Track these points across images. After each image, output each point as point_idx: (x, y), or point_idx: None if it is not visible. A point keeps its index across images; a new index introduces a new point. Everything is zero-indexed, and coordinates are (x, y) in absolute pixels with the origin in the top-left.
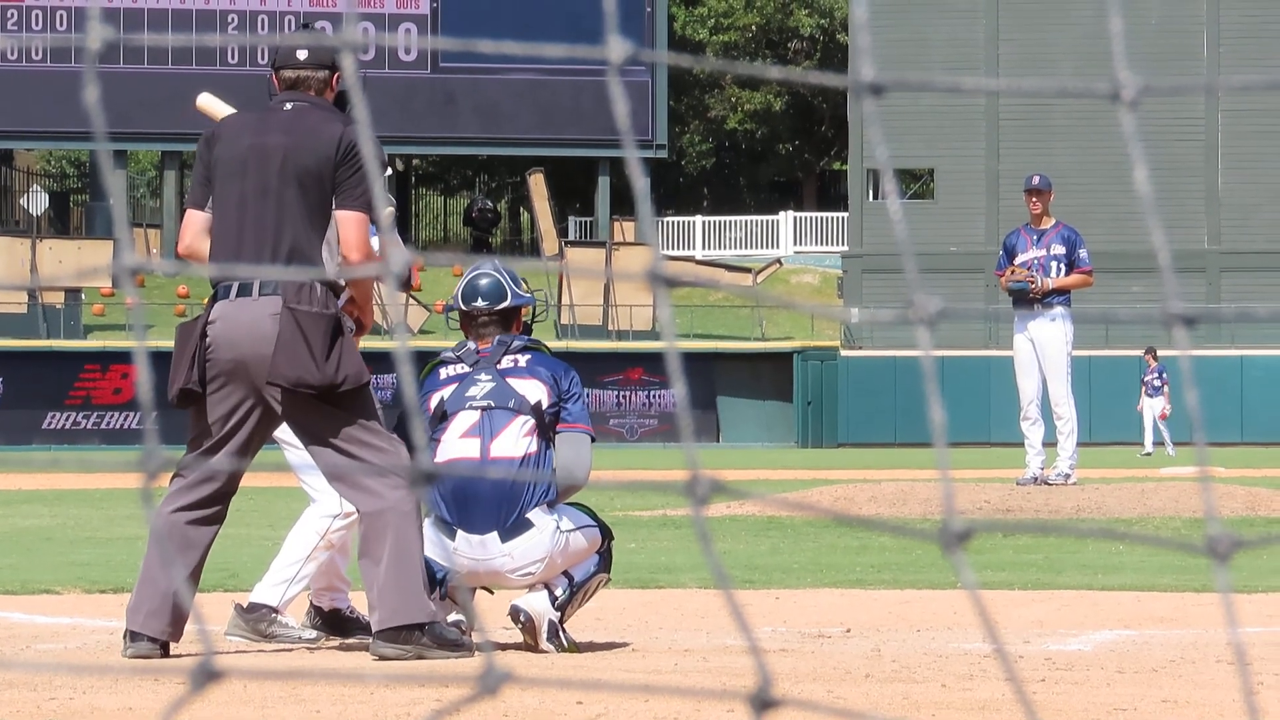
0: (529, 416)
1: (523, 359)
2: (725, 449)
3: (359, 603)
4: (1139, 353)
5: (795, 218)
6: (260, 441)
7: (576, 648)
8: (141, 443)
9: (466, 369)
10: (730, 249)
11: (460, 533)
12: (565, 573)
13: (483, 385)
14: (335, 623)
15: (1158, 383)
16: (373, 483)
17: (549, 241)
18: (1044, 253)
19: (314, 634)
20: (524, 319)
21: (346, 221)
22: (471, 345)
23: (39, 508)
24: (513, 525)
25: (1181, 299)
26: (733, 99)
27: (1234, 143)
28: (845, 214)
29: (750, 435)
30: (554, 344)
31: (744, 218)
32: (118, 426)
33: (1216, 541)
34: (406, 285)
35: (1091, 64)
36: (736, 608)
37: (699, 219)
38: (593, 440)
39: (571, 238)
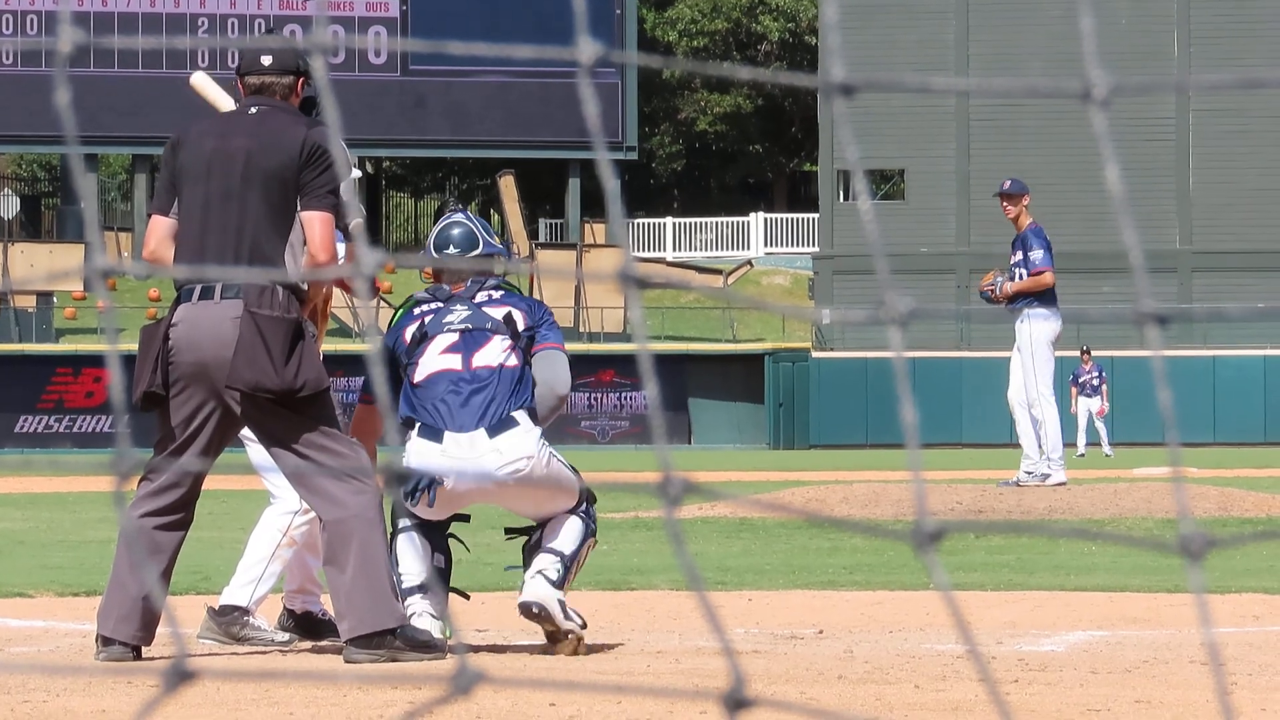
0: (506, 336)
1: (495, 294)
2: (697, 451)
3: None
4: (1114, 353)
5: (766, 219)
6: (223, 443)
7: (584, 623)
8: (114, 445)
9: (441, 304)
10: (701, 251)
11: (448, 434)
12: (555, 550)
13: (460, 313)
14: (308, 625)
15: (1095, 381)
16: (335, 489)
17: (519, 243)
18: (1019, 255)
19: (286, 636)
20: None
21: (311, 221)
22: (445, 287)
23: (11, 511)
24: (499, 422)
25: (1153, 299)
26: (702, 102)
27: (1205, 142)
28: (816, 215)
29: (722, 437)
30: None
31: (714, 219)
32: (90, 430)
33: (1189, 541)
34: (375, 290)
35: (1061, 64)
36: (709, 609)
37: (669, 221)
38: (568, 358)
39: (542, 240)
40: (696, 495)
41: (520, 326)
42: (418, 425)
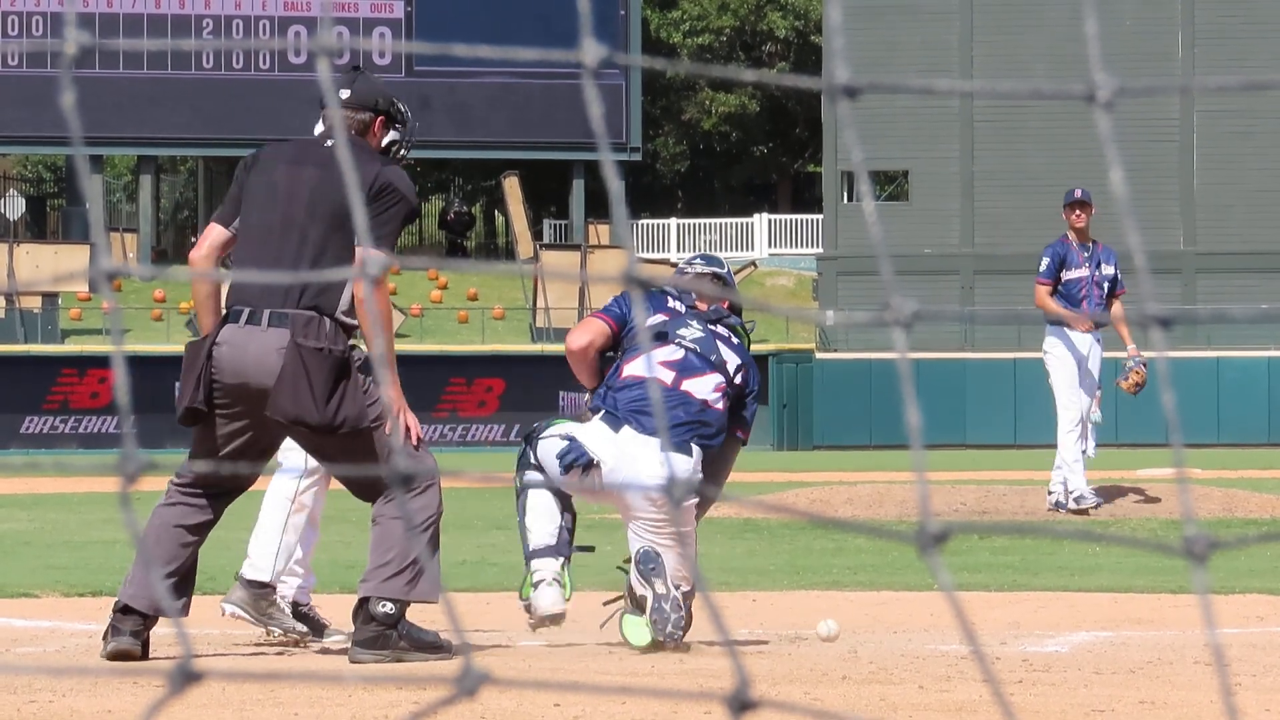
0: (722, 379)
1: (734, 339)
2: None
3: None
4: (1118, 354)
5: (770, 220)
6: (264, 455)
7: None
8: (119, 446)
9: (683, 309)
10: (705, 251)
11: (627, 428)
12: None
13: (694, 330)
14: (297, 618)
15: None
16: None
17: (524, 244)
18: (1096, 271)
19: (304, 628)
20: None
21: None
22: (691, 296)
23: (16, 511)
24: (677, 444)
25: (1158, 300)
26: (707, 102)
27: (1210, 144)
28: (820, 216)
29: None
30: (529, 347)
31: (718, 220)
32: (95, 430)
33: (1193, 542)
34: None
35: (1065, 66)
36: (714, 609)
37: (673, 222)
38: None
39: (546, 241)
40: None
41: (739, 380)
42: (603, 411)
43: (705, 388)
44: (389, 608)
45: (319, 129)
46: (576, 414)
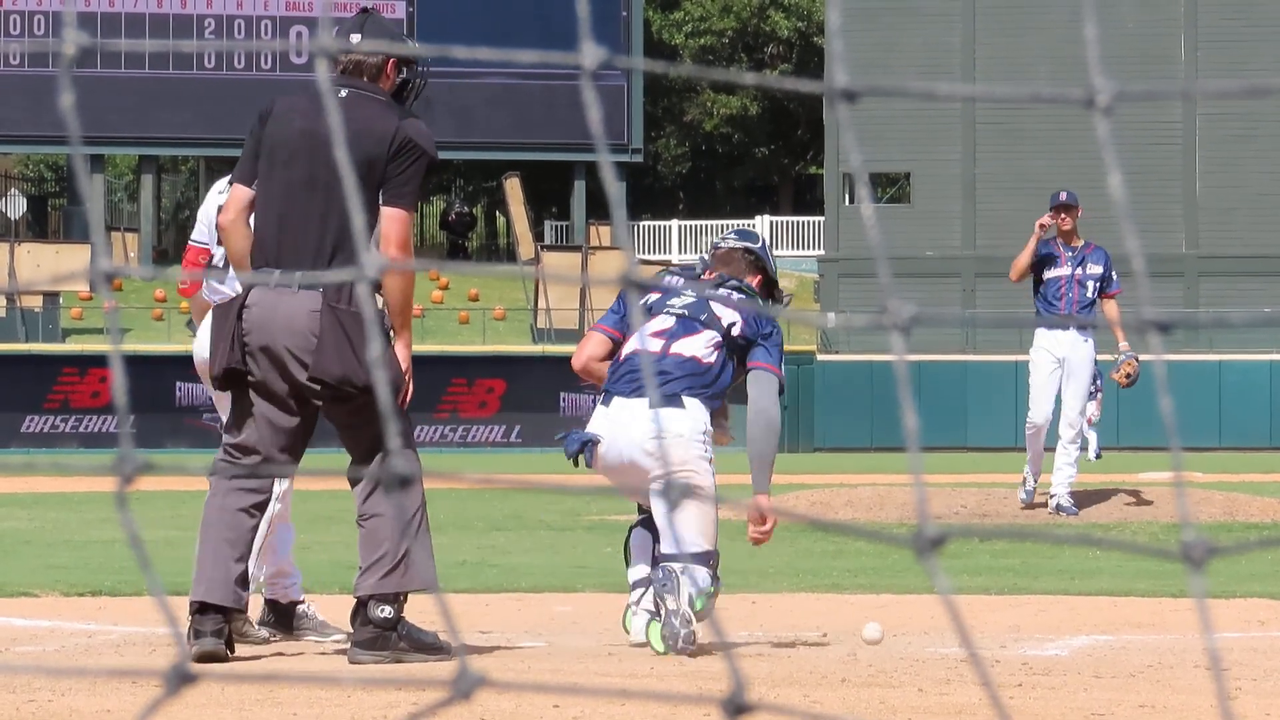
0: (716, 334)
1: (735, 296)
2: None
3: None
4: (1112, 357)
5: (771, 222)
6: (296, 434)
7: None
8: (118, 446)
9: (679, 283)
10: (706, 253)
11: (616, 399)
12: (692, 552)
13: (685, 298)
14: (286, 617)
15: (1091, 388)
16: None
17: (525, 245)
18: (1079, 270)
19: (266, 634)
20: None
21: (390, 218)
22: (696, 267)
23: (16, 510)
24: (665, 398)
25: (1158, 304)
26: (708, 103)
27: (1212, 146)
28: (821, 218)
29: None
30: (530, 348)
31: (720, 222)
32: (96, 430)
33: (1191, 548)
34: (377, 287)
35: (1068, 68)
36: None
37: (675, 223)
38: (781, 387)
39: (547, 242)
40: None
41: (737, 330)
42: (604, 393)
43: (697, 344)
44: (387, 612)
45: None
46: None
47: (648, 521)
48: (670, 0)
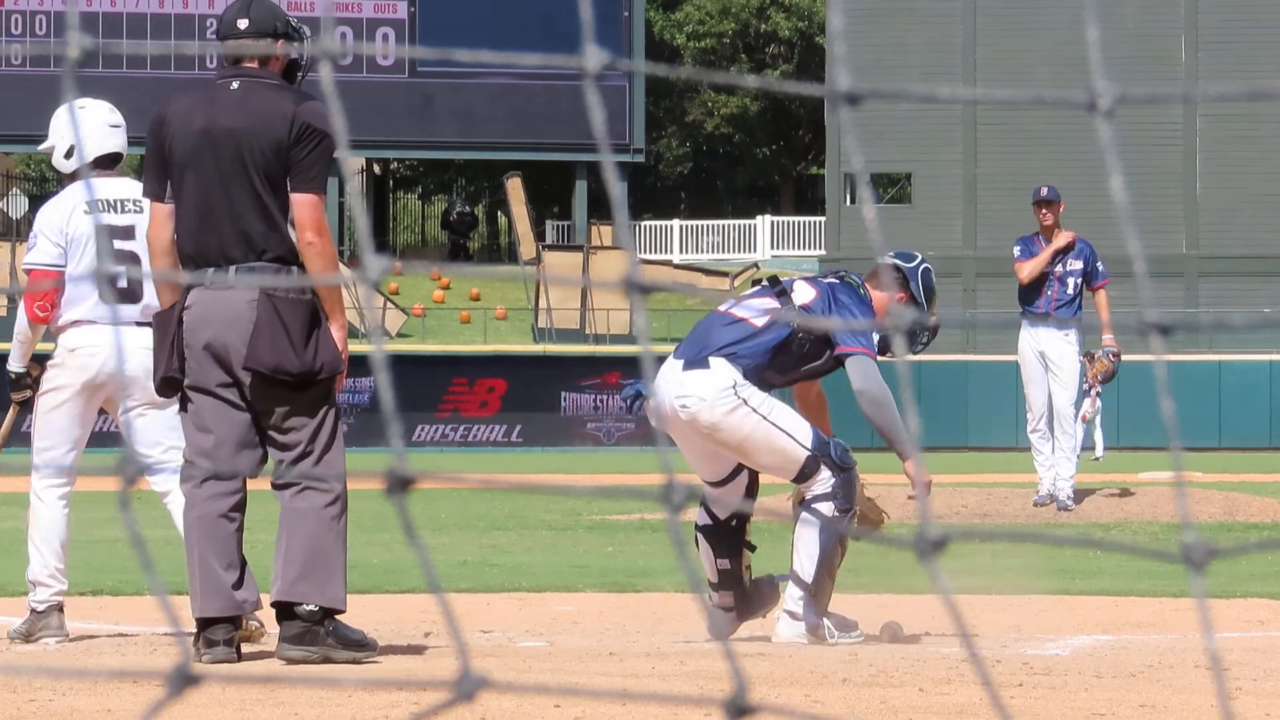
0: (774, 300)
1: (828, 277)
2: None
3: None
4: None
5: (772, 222)
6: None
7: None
8: (119, 446)
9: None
10: (707, 253)
11: (670, 358)
12: (797, 576)
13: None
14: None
15: (1085, 385)
16: (306, 486)
17: (526, 245)
18: (1060, 268)
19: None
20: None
21: (301, 204)
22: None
23: (17, 510)
24: (695, 360)
25: (1159, 305)
26: (709, 103)
27: (1213, 147)
28: (822, 218)
29: None
30: (531, 347)
31: (721, 222)
32: (96, 429)
33: (1192, 549)
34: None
35: (1069, 68)
36: (706, 613)
37: (676, 223)
38: (874, 357)
39: (549, 242)
40: (699, 500)
41: (799, 303)
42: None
43: (750, 309)
44: (311, 605)
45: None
46: None
47: (712, 532)
48: (672, 0)
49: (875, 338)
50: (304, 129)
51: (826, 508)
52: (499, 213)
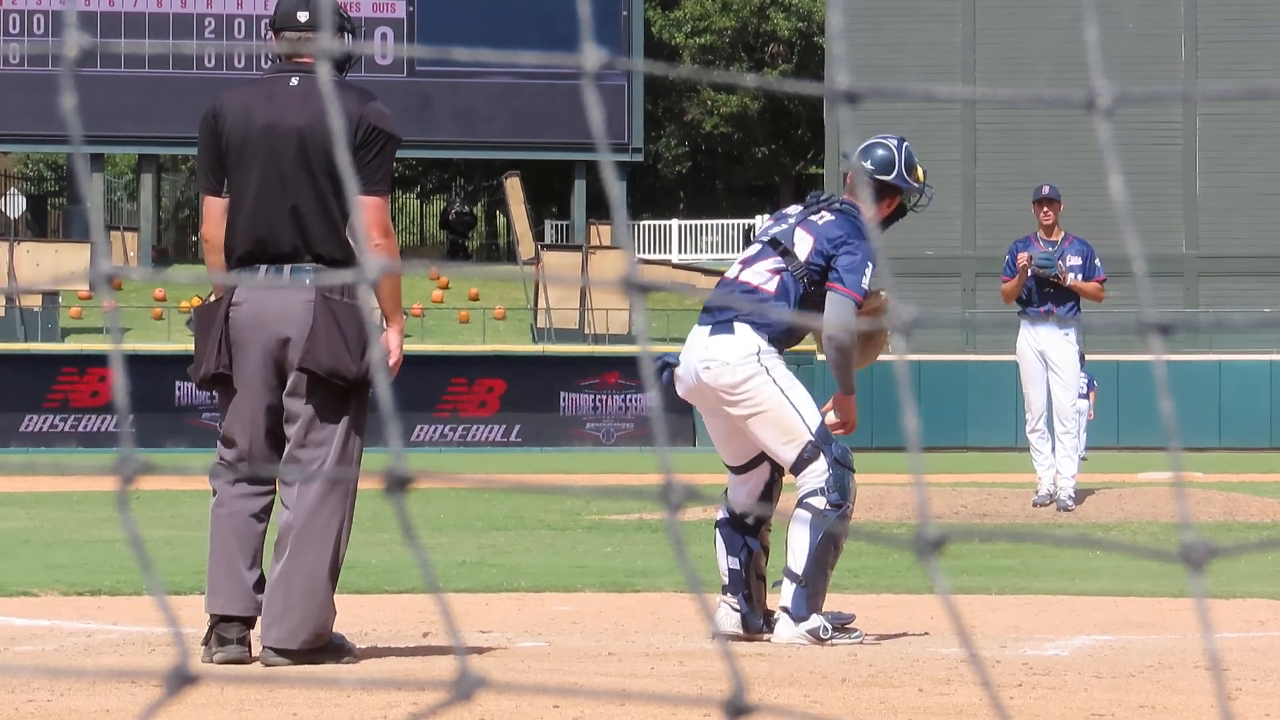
0: (779, 259)
1: (829, 214)
2: (701, 453)
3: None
4: (1119, 356)
5: None
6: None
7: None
8: (118, 445)
9: (794, 211)
10: (707, 253)
11: (695, 326)
12: (791, 572)
13: (779, 227)
14: None
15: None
16: (314, 493)
17: (525, 245)
18: (1058, 263)
19: None
20: (900, 202)
21: (368, 206)
22: (818, 193)
23: (16, 510)
24: (719, 324)
25: (1158, 305)
26: (709, 102)
27: (1213, 147)
28: None
29: None
30: (530, 347)
31: (720, 221)
32: (95, 429)
33: (1191, 549)
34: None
35: (1069, 68)
36: (711, 612)
37: (675, 223)
38: (857, 303)
39: (548, 241)
40: (698, 501)
41: (802, 257)
42: None
43: (759, 271)
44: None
45: (320, 75)
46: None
47: (732, 524)
48: None
49: (869, 274)
50: (370, 131)
51: (819, 502)
52: (498, 212)
